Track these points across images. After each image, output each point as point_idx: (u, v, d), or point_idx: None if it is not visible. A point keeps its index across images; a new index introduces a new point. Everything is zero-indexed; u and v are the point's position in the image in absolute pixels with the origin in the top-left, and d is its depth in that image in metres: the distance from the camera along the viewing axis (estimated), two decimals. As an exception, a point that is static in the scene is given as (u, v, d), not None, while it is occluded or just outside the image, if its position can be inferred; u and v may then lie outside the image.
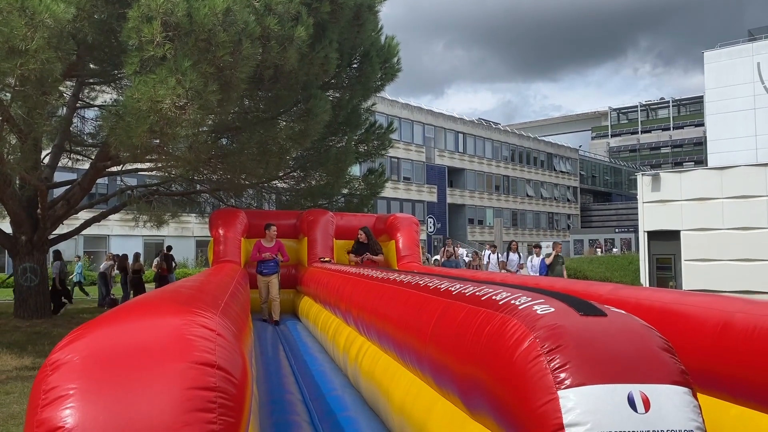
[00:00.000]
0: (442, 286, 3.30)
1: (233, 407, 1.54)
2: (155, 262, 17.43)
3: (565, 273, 14.26)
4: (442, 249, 19.08)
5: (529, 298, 2.25)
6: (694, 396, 1.85)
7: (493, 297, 2.49)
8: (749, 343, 2.69)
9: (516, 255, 15.83)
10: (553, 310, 2.07)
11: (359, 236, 9.84)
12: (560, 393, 1.76)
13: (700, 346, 2.89)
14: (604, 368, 1.80)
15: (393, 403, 3.46)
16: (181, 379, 1.50)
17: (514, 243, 16.39)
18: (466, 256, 18.77)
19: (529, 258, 15.22)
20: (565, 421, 1.72)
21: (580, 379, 1.77)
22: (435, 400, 2.85)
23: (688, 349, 2.84)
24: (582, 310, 2.07)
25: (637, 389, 1.77)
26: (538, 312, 2.07)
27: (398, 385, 3.48)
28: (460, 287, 3.02)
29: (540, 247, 15.84)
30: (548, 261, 14.03)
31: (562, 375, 1.79)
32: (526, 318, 2.06)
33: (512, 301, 2.29)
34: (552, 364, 1.82)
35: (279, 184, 14.93)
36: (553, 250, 14.22)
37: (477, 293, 2.70)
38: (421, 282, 3.79)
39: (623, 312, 2.17)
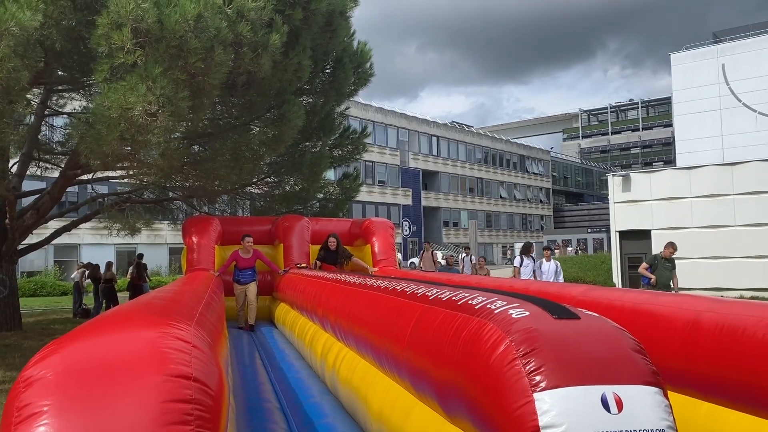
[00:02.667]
0: (419, 291, 3.32)
1: (210, 419, 1.54)
2: (130, 270, 17.21)
3: (676, 281, 10.77)
4: (424, 253, 18.60)
5: (505, 302, 2.28)
6: (665, 396, 1.90)
7: (470, 301, 2.51)
8: (717, 342, 2.75)
9: (530, 260, 12.26)
10: (528, 313, 2.10)
11: (329, 243, 9.45)
12: (536, 395, 1.79)
13: (670, 345, 2.95)
14: (578, 370, 1.84)
15: (371, 408, 3.47)
16: (156, 392, 1.49)
17: (531, 247, 12.60)
18: (442, 258, 18.36)
19: (538, 263, 12.17)
20: (540, 423, 1.75)
21: (554, 381, 1.81)
22: (413, 405, 2.86)
23: (659, 349, 2.89)
24: (556, 313, 2.11)
25: (610, 390, 1.82)
26: (514, 316, 2.10)
27: (376, 390, 3.49)
28: (437, 292, 3.04)
29: (550, 249, 12.93)
30: (644, 268, 10.80)
31: (538, 378, 1.83)
32: (502, 322, 2.09)
33: (488, 306, 2.32)
34: (527, 367, 1.86)
35: (253, 190, 14.84)
36: (664, 250, 10.72)
37: (453, 298, 2.72)
38: (398, 287, 3.80)
39: (596, 315, 2.22)
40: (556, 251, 43.42)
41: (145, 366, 1.55)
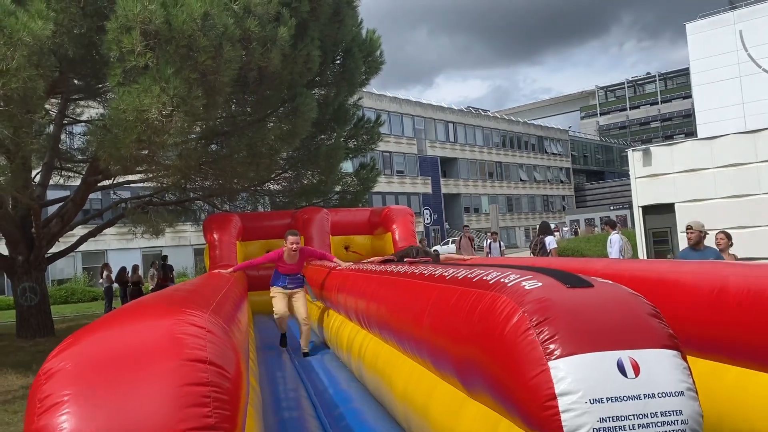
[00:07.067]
0: (436, 272, 3.33)
1: (228, 400, 1.56)
2: (151, 273, 17.47)
3: None
4: (462, 240, 15.83)
5: (518, 276, 2.28)
6: (684, 358, 1.88)
7: (484, 277, 2.52)
8: (744, 305, 2.71)
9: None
10: (540, 284, 2.10)
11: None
12: (551, 364, 1.79)
13: (696, 311, 2.92)
14: (592, 337, 1.83)
15: (396, 390, 3.49)
16: (173, 376, 1.52)
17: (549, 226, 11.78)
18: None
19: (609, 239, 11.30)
20: (557, 391, 1.75)
21: (569, 348, 1.80)
22: (435, 384, 2.88)
23: (686, 316, 2.87)
24: (569, 282, 2.10)
25: (626, 355, 1.81)
26: (526, 287, 2.10)
27: (400, 373, 3.51)
28: (454, 272, 3.04)
29: (611, 224, 11.80)
30: None
31: (552, 346, 1.83)
32: (515, 294, 2.09)
33: (502, 279, 2.33)
34: (541, 337, 1.86)
35: (272, 186, 14.92)
36: None
37: (469, 276, 2.73)
38: (416, 271, 3.81)
39: (610, 282, 2.20)
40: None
41: (161, 352, 1.58)
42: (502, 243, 16.54)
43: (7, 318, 18.35)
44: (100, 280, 18.83)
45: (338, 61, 13.03)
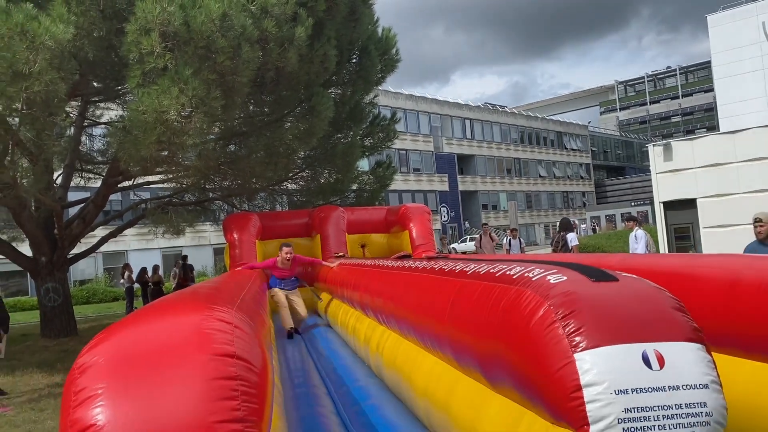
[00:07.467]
0: (457, 267, 3.33)
1: (255, 394, 1.59)
2: (173, 272, 17.64)
3: None
4: (482, 237, 15.63)
5: (543, 270, 2.29)
6: (708, 352, 1.88)
7: (508, 272, 2.53)
8: (758, 299, 2.69)
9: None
10: (565, 278, 2.11)
11: None
12: (576, 356, 1.81)
13: (710, 305, 2.90)
14: (617, 329, 1.84)
15: (416, 386, 3.50)
16: (203, 370, 1.55)
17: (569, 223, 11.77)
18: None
19: (632, 235, 11.19)
20: (582, 382, 1.76)
21: (595, 341, 1.82)
22: (457, 379, 2.89)
23: (699, 310, 2.84)
24: (594, 276, 2.11)
25: (651, 347, 1.81)
26: (552, 281, 2.11)
27: (420, 369, 3.52)
28: (475, 267, 3.05)
29: (635, 220, 11.70)
30: None
31: (577, 338, 1.84)
32: (540, 288, 2.10)
33: (526, 274, 2.34)
34: (567, 329, 1.87)
35: (290, 185, 15.01)
36: None
37: (491, 270, 2.73)
38: (436, 266, 3.82)
39: (635, 276, 2.20)
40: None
41: (190, 347, 1.62)
42: (522, 240, 16.41)
43: (31, 318, 18.68)
44: (121, 281, 19.08)
45: (354, 60, 13.06)
